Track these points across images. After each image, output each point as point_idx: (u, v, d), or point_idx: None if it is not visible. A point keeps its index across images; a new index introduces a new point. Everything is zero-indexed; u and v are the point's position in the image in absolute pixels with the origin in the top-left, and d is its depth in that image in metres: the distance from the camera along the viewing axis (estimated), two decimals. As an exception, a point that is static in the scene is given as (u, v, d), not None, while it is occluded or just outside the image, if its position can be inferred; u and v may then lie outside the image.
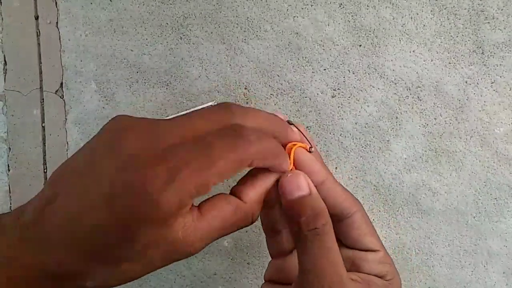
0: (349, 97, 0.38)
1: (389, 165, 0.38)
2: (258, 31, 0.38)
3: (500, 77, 0.36)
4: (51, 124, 0.40)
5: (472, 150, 0.37)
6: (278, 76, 0.38)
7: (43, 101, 0.40)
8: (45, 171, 0.40)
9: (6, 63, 0.40)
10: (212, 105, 0.33)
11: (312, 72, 0.38)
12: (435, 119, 0.37)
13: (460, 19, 0.36)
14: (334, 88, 0.38)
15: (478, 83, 0.37)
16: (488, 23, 0.36)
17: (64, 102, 0.40)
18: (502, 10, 0.36)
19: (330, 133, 0.38)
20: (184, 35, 0.39)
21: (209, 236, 0.24)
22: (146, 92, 0.39)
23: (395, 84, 0.37)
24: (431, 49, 0.37)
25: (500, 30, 0.36)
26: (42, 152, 0.40)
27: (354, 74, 0.37)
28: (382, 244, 0.29)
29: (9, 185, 0.40)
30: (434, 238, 0.38)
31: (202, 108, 0.27)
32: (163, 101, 0.39)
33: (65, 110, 0.40)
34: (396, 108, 0.37)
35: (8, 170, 0.40)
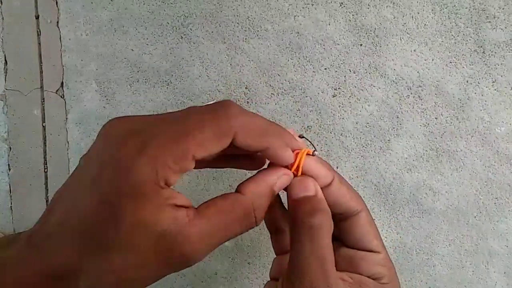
0: (350, 96, 0.38)
1: (390, 164, 0.38)
2: (258, 31, 0.38)
3: (501, 76, 0.36)
4: (51, 123, 0.40)
5: (473, 149, 0.37)
6: (279, 75, 0.38)
7: (44, 100, 0.40)
8: (45, 170, 0.40)
9: (6, 63, 0.40)
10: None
11: (313, 71, 0.38)
12: (436, 118, 0.37)
13: (461, 18, 0.36)
14: (335, 88, 0.38)
15: (479, 83, 0.36)
16: (489, 22, 0.36)
17: (65, 102, 0.40)
18: (503, 9, 0.36)
19: (331, 132, 0.38)
20: (184, 35, 0.39)
21: (210, 236, 0.23)
22: (146, 91, 0.39)
23: (396, 83, 0.37)
24: (432, 48, 0.37)
25: (501, 29, 0.36)
26: (43, 151, 0.40)
27: (355, 73, 0.37)
28: (384, 247, 0.29)
29: (9, 184, 0.40)
30: (435, 237, 0.38)
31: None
32: (163, 100, 0.39)
33: (65, 110, 0.40)
34: (397, 107, 0.37)
35: (9, 170, 0.40)
